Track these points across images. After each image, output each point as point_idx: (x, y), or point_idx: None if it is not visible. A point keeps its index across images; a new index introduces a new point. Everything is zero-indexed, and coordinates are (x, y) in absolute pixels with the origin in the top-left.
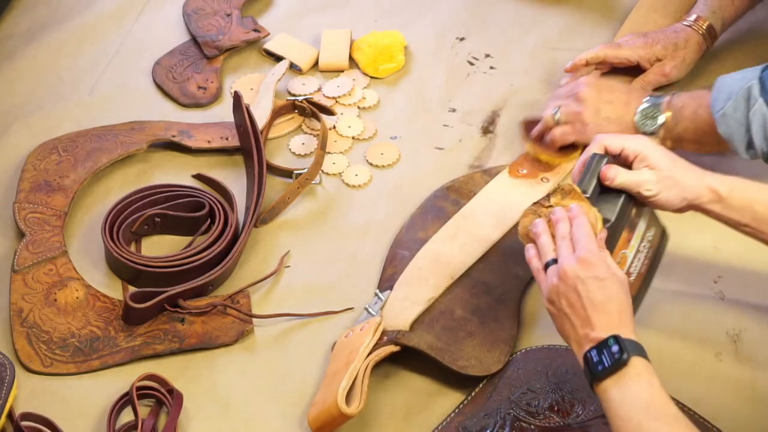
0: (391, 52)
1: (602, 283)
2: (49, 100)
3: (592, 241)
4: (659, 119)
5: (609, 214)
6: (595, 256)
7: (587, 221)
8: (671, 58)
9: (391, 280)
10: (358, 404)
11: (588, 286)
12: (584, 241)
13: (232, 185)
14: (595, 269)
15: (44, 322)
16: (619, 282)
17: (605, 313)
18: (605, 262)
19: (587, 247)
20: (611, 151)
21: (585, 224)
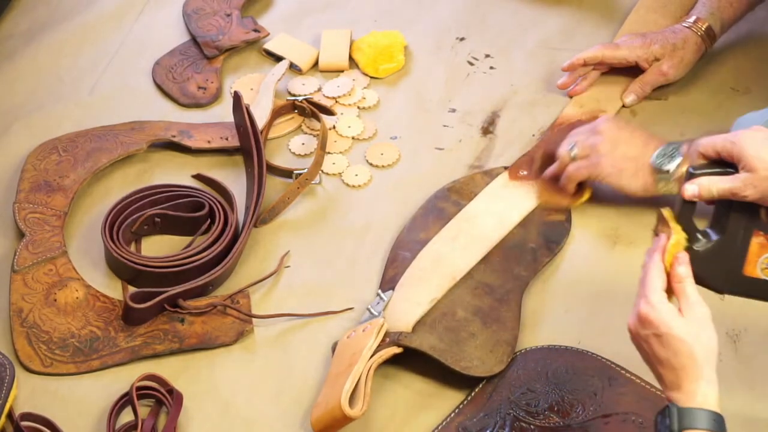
0: (391, 52)
1: (661, 340)
2: (49, 100)
3: (654, 291)
4: (676, 160)
5: (720, 227)
6: (653, 311)
7: (654, 265)
8: (669, 57)
9: (393, 281)
10: (362, 406)
11: (650, 344)
12: (644, 292)
13: (232, 185)
14: (652, 326)
15: (44, 322)
16: (684, 334)
17: (671, 370)
18: (666, 314)
19: (646, 300)
20: (706, 156)
21: (649, 270)
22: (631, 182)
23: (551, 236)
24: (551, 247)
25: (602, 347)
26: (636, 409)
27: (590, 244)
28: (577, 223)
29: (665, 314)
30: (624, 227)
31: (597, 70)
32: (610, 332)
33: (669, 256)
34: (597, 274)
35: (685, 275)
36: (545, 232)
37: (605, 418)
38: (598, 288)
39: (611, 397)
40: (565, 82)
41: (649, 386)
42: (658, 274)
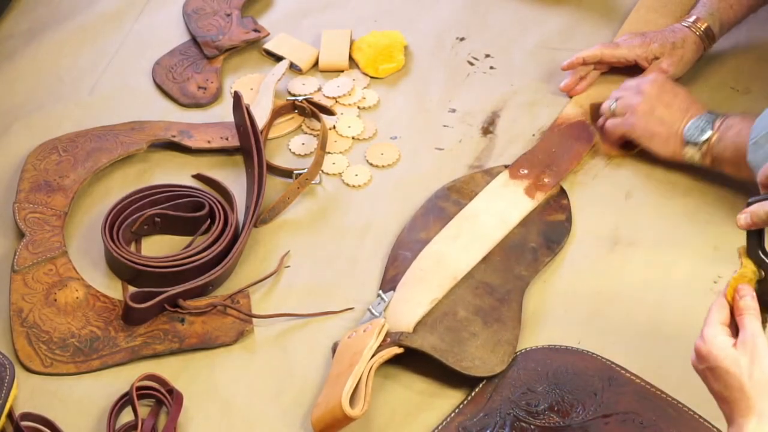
0: (391, 52)
1: (714, 373)
2: (49, 100)
3: (710, 325)
4: (706, 133)
5: None
6: (704, 345)
7: (718, 300)
8: (669, 56)
9: (394, 281)
10: (363, 406)
11: (707, 378)
12: (704, 329)
13: (232, 185)
14: (706, 359)
15: (44, 322)
16: (735, 366)
17: (725, 404)
18: (717, 347)
19: (702, 335)
20: (766, 186)
21: (712, 306)
22: (661, 148)
23: (552, 236)
24: (552, 246)
25: (602, 347)
26: (636, 409)
27: (590, 244)
28: (578, 223)
29: (716, 347)
30: (624, 227)
31: (597, 69)
32: (610, 332)
33: (730, 289)
34: (597, 274)
35: (745, 308)
36: (546, 232)
37: (605, 418)
38: (598, 288)
39: (611, 397)
40: (568, 84)
41: (649, 386)
42: (718, 309)
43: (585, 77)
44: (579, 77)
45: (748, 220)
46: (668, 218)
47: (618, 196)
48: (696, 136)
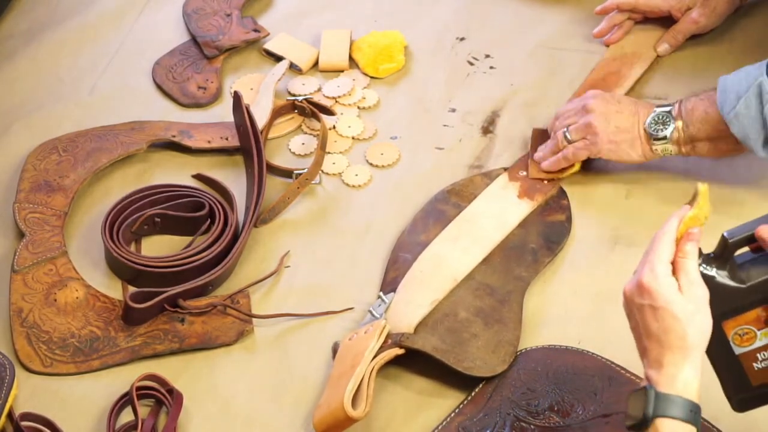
0: (391, 52)
1: (656, 313)
2: (49, 100)
3: (660, 261)
4: (670, 125)
5: (748, 278)
6: (655, 281)
7: (666, 234)
8: (702, 5)
9: (394, 283)
10: (365, 407)
11: (644, 314)
12: (650, 260)
13: (232, 185)
14: (651, 296)
15: (44, 322)
16: (680, 312)
17: (657, 346)
18: (667, 287)
19: (651, 269)
20: (763, 240)
21: (660, 238)
22: (630, 153)
23: (551, 236)
24: (551, 247)
25: (602, 347)
26: None
27: (590, 244)
28: (577, 223)
29: (666, 288)
30: (624, 227)
31: (631, 19)
32: (610, 332)
33: (683, 227)
34: (597, 274)
35: (690, 252)
36: (545, 233)
37: (605, 417)
38: (598, 288)
39: (611, 397)
40: (602, 29)
41: None
42: (668, 244)
43: (621, 26)
44: (612, 24)
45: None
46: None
47: (618, 196)
48: (661, 130)
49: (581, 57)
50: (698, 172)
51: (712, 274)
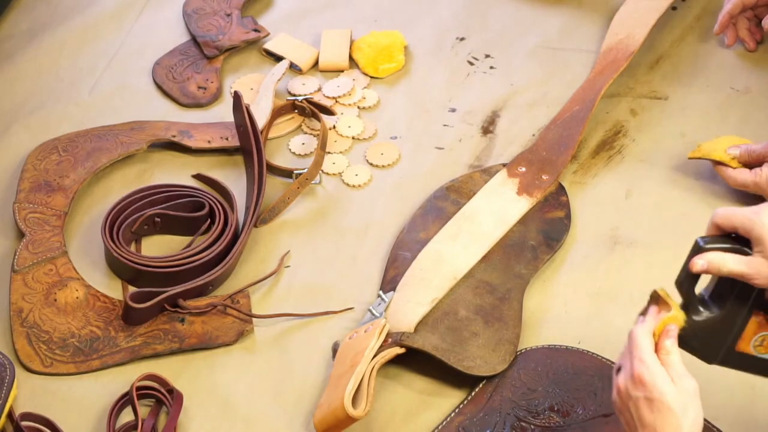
0: (391, 52)
1: (651, 404)
2: (49, 100)
3: (648, 353)
4: None
5: (722, 301)
6: (648, 372)
7: (645, 329)
8: None
9: (394, 282)
10: (365, 407)
11: (639, 407)
12: (637, 354)
13: (232, 185)
14: (645, 388)
15: (44, 322)
16: (674, 403)
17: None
18: (661, 378)
19: (641, 360)
20: (721, 228)
21: (639, 333)
22: None
23: (551, 233)
24: (551, 244)
25: (602, 347)
26: None
27: (590, 244)
28: (577, 222)
29: (660, 378)
30: (624, 227)
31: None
32: (610, 332)
33: (661, 325)
34: (597, 274)
35: (672, 348)
36: (545, 230)
37: (605, 417)
38: (598, 288)
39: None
40: (729, 43)
41: None
42: (649, 339)
43: (736, 25)
44: (735, 33)
45: (704, 266)
46: (668, 218)
47: (618, 196)
48: None
49: (581, 57)
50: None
51: (694, 322)
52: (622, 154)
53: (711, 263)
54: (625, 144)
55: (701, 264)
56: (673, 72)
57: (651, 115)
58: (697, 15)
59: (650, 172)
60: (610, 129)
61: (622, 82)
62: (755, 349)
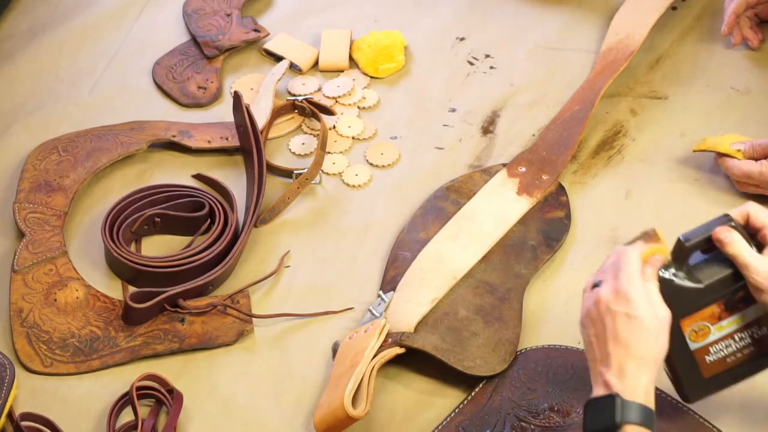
0: (391, 52)
1: (630, 322)
2: (49, 100)
3: (637, 272)
4: None
5: (705, 279)
6: (633, 291)
7: (635, 251)
8: None
9: (394, 282)
10: (365, 407)
11: (616, 321)
12: (626, 271)
13: (232, 185)
14: (628, 305)
15: (44, 322)
16: (651, 326)
17: (625, 354)
18: (644, 299)
19: (627, 279)
20: (751, 222)
21: (629, 253)
22: None
23: (551, 233)
24: (551, 244)
25: None
26: None
27: (590, 244)
28: (577, 222)
29: (644, 299)
30: (624, 227)
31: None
32: None
33: (649, 252)
34: None
35: (652, 275)
36: (545, 230)
37: None
38: None
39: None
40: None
41: None
42: (639, 261)
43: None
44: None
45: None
46: (668, 218)
47: (618, 196)
48: None
49: (581, 57)
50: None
51: (670, 278)
52: (622, 154)
53: (733, 242)
54: (625, 144)
55: (726, 236)
56: (673, 72)
57: (651, 115)
58: (697, 15)
59: (650, 172)
60: (610, 129)
61: (622, 82)
62: (690, 332)
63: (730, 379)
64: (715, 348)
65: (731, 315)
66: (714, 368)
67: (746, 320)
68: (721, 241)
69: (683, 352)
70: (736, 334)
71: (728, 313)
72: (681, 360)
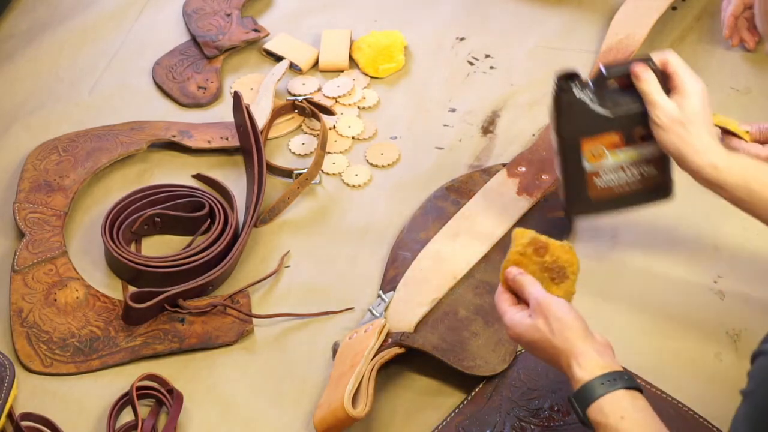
0: (391, 52)
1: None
2: (49, 100)
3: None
4: None
5: (614, 108)
6: (547, 302)
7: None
8: None
9: (394, 282)
10: (365, 407)
11: (544, 334)
12: (531, 291)
13: (232, 185)
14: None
15: (44, 322)
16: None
17: (568, 354)
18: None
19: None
20: (665, 67)
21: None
22: None
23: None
24: None
25: None
26: None
27: (590, 244)
28: (577, 223)
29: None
30: (624, 227)
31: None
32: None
33: (501, 277)
34: (597, 274)
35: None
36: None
37: None
38: (598, 288)
39: None
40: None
41: (649, 386)
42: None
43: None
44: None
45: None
46: (668, 218)
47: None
48: None
49: (581, 57)
50: None
51: (583, 99)
52: None
53: (647, 80)
54: None
55: (642, 73)
56: None
57: None
58: (697, 15)
59: None
60: None
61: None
62: (588, 153)
63: (612, 206)
64: (606, 174)
65: (628, 147)
66: (601, 193)
67: (640, 157)
68: (637, 76)
69: (577, 169)
70: (627, 168)
71: (626, 144)
72: (573, 176)
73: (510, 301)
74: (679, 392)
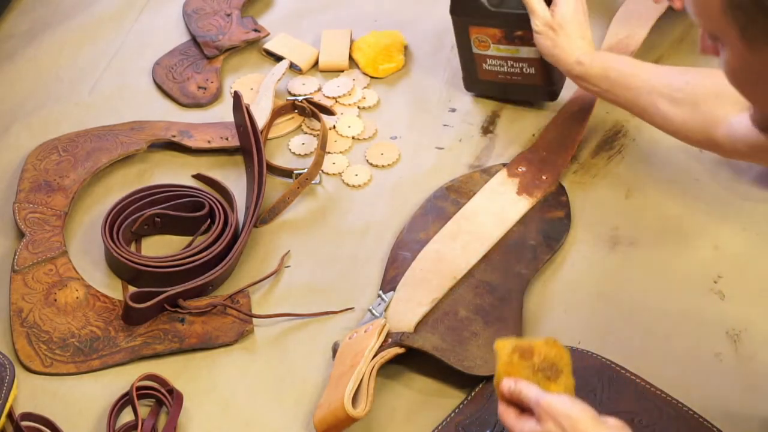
0: (391, 52)
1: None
2: (49, 100)
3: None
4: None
5: (499, 5)
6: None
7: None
8: None
9: (394, 282)
10: (365, 407)
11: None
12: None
13: (232, 185)
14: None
15: (44, 322)
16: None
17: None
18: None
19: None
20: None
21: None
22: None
23: (551, 233)
24: (551, 244)
25: (602, 347)
26: (636, 409)
27: (590, 244)
28: (577, 223)
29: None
30: (624, 227)
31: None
32: (610, 332)
33: (497, 391)
34: (597, 274)
35: (518, 392)
36: (545, 230)
37: None
38: (598, 288)
39: (611, 397)
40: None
41: (649, 386)
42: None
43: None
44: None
45: None
46: (668, 218)
47: (618, 196)
48: None
49: None
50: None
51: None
52: (622, 154)
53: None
54: (625, 144)
55: None
56: None
57: None
58: None
59: (650, 172)
60: (610, 129)
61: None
62: (475, 40)
63: (499, 92)
64: (491, 61)
65: (508, 44)
66: (487, 75)
67: (519, 55)
68: None
69: (468, 51)
70: (508, 60)
71: (506, 42)
72: (466, 56)
73: (515, 414)
74: (679, 392)
